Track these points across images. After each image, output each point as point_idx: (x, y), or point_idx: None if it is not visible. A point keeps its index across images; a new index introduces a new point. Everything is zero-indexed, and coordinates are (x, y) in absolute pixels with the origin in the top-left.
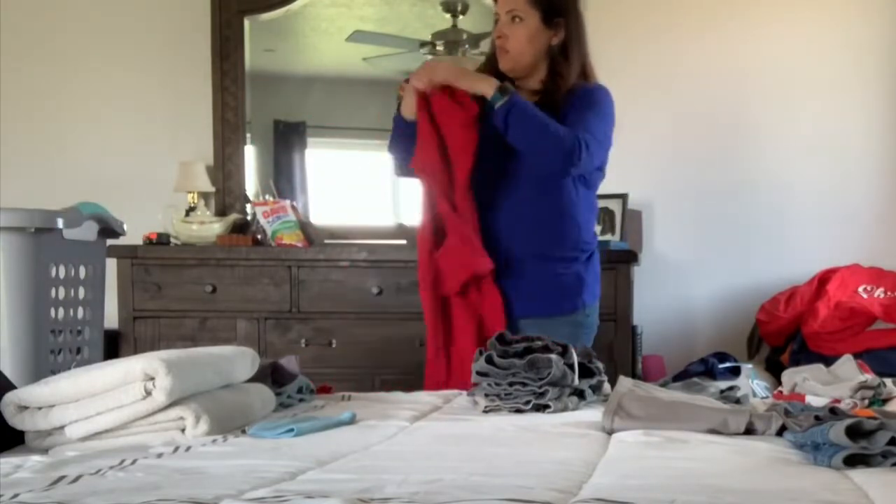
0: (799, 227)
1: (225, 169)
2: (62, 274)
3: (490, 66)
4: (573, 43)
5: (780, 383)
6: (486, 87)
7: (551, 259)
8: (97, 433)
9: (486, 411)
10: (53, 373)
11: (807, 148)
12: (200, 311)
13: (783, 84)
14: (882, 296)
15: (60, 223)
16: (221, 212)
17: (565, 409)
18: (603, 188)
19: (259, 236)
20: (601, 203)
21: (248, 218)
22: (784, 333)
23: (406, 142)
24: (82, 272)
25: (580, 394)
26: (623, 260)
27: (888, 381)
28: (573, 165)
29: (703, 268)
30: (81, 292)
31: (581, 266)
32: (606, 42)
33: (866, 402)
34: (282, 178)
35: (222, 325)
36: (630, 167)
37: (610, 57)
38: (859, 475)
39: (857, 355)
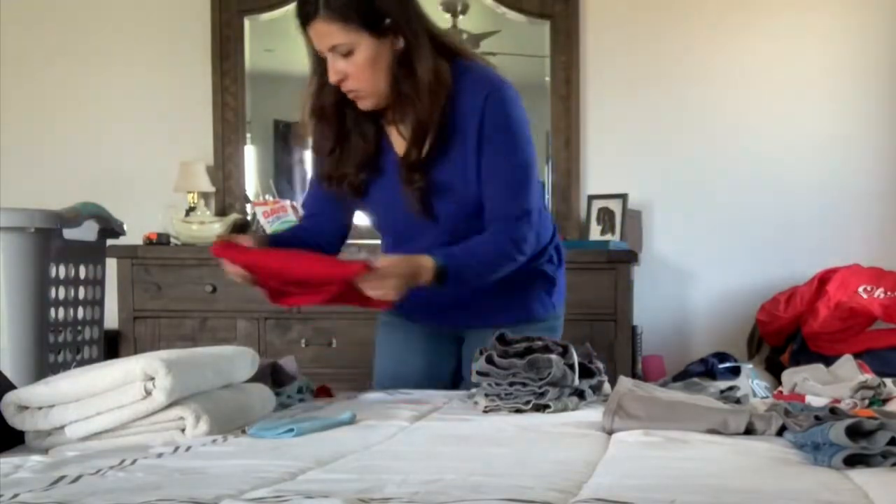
0: (799, 227)
1: (225, 169)
2: (62, 274)
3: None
4: (415, 42)
5: (780, 383)
6: (426, 279)
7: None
8: (97, 433)
9: (486, 411)
10: (53, 373)
11: (807, 148)
12: (200, 311)
13: (783, 84)
14: (882, 296)
15: (60, 223)
16: (221, 212)
17: (565, 409)
18: (603, 188)
19: None
20: (601, 203)
21: (248, 218)
22: (784, 333)
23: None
24: (82, 272)
25: (580, 394)
26: (623, 260)
27: (888, 381)
28: (525, 257)
29: (703, 268)
30: (81, 292)
31: (549, 268)
32: (606, 41)
33: (866, 402)
34: (282, 178)
35: (222, 325)
36: (630, 167)
37: (610, 56)
38: (859, 475)
39: (857, 355)
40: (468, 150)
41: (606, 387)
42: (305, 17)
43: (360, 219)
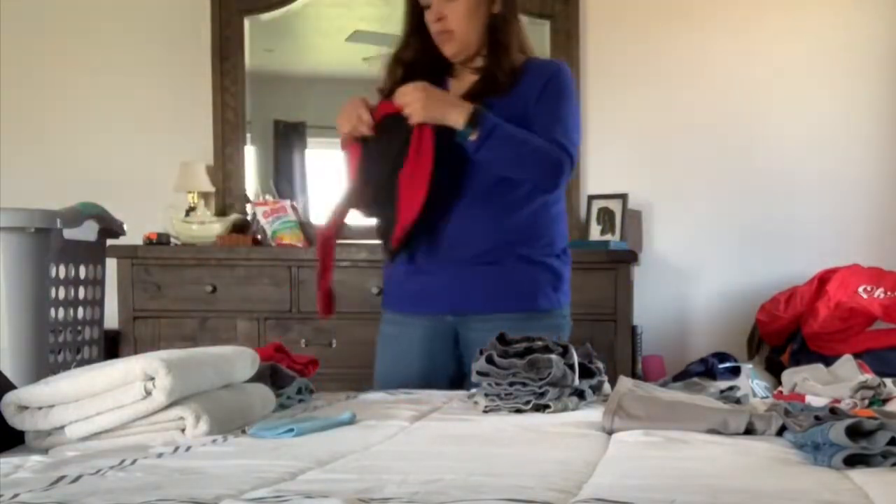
0: (799, 227)
1: (225, 169)
2: (62, 274)
3: (417, 54)
4: (512, 8)
5: (780, 383)
6: (458, 115)
7: (523, 259)
8: (97, 433)
9: (486, 411)
10: (53, 373)
11: (807, 147)
12: (200, 311)
13: (783, 83)
14: (882, 296)
15: (60, 223)
16: (221, 212)
17: (565, 409)
18: (603, 188)
19: (259, 236)
20: (601, 203)
21: (248, 218)
22: (784, 333)
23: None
24: (82, 272)
25: (580, 394)
26: (623, 260)
27: (888, 381)
28: (558, 185)
29: (703, 268)
30: (81, 292)
31: (556, 263)
32: (606, 41)
33: (866, 402)
34: (282, 178)
35: (222, 325)
36: (630, 167)
37: (610, 56)
38: (859, 475)
39: (857, 355)
40: (528, 103)
41: (606, 387)
42: None
43: (360, 219)
